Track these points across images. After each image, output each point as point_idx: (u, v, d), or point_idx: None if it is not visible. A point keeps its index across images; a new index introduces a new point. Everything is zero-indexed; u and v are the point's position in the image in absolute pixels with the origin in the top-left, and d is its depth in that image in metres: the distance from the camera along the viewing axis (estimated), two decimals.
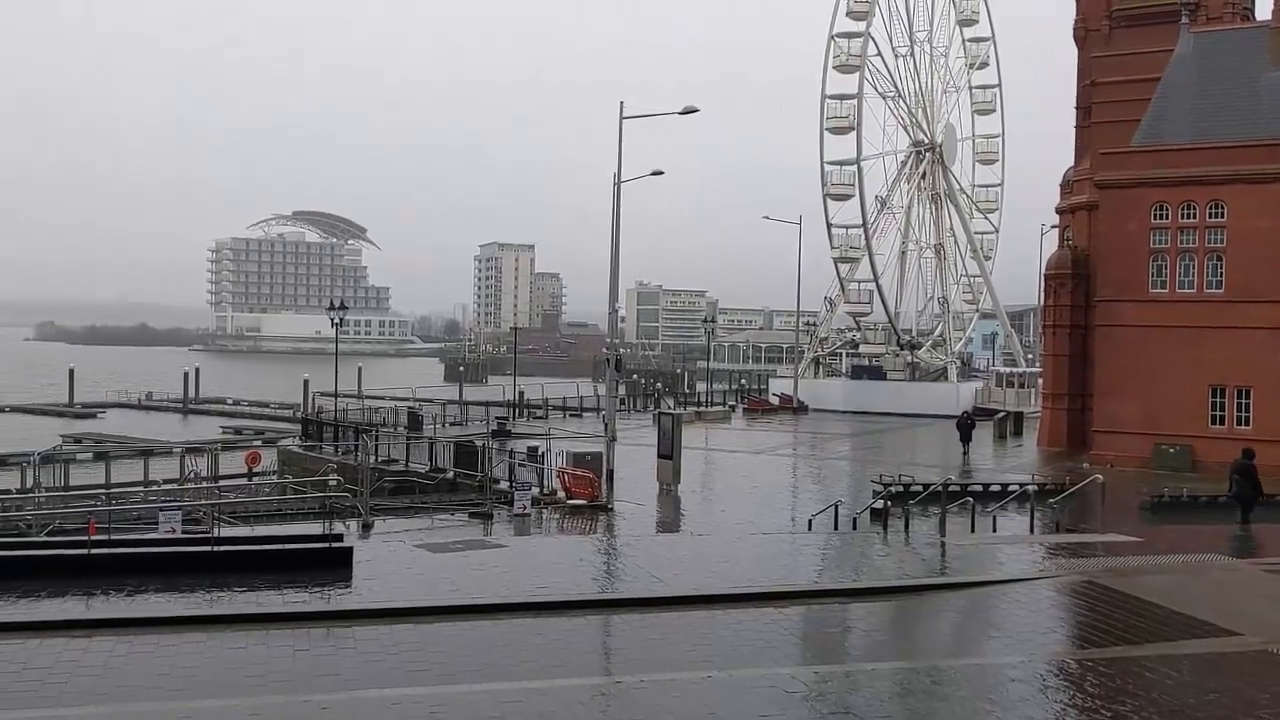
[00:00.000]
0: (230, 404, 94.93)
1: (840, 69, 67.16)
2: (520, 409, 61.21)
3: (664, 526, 26.44)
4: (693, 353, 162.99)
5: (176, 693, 11.34)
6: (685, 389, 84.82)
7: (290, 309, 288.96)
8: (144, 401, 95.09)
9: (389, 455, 39.54)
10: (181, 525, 22.94)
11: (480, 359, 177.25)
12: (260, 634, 13.81)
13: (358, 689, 11.40)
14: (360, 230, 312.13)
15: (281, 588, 16.39)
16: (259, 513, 30.12)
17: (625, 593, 17.11)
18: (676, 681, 11.86)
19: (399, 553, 20.12)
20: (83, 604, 15.46)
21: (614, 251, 30.60)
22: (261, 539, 20.18)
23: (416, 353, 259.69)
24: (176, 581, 16.63)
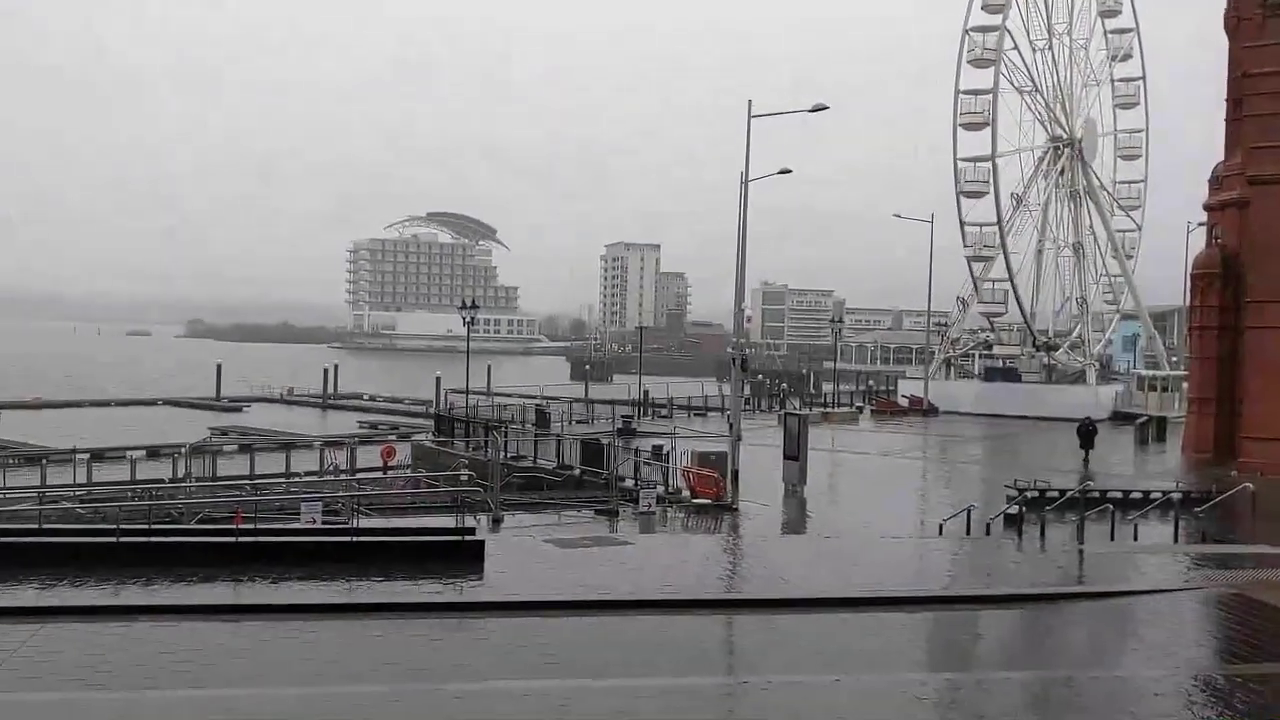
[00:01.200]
0: (366, 400, 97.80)
1: (975, 63, 65.52)
2: (645, 408, 61.51)
3: (790, 528, 26.25)
4: (819, 353, 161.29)
5: (318, 677, 11.80)
6: (811, 389, 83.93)
7: (423, 308, 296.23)
8: (286, 396, 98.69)
9: (517, 451, 40.21)
10: (321, 516, 23.78)
11: (606, 358, 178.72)
12: (397, 623, 14.26)
13: (490, 679, 11.67)
14: (491, 231, 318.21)
15: (417, 579, 16.88)
16: (394, 505, 30.98)
17: (751, 593, 17.09)
18: (804, 684, 11.80)
19: (528, 547, 20.48)
20: (231, 590, 16.18)
21: (740, 251, 30.51)
22: (397, 531, 20.78)
23: (543, 351, 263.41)
24: (318, 570, 17.27)
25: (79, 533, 19.83)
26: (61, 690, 10.97)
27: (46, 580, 16.25)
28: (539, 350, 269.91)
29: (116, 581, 16.27)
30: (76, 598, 15.33)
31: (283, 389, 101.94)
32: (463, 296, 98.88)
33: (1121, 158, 73.99)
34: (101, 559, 17.44)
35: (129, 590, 15.85)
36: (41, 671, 11.94)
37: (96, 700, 10.43)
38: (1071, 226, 70.39)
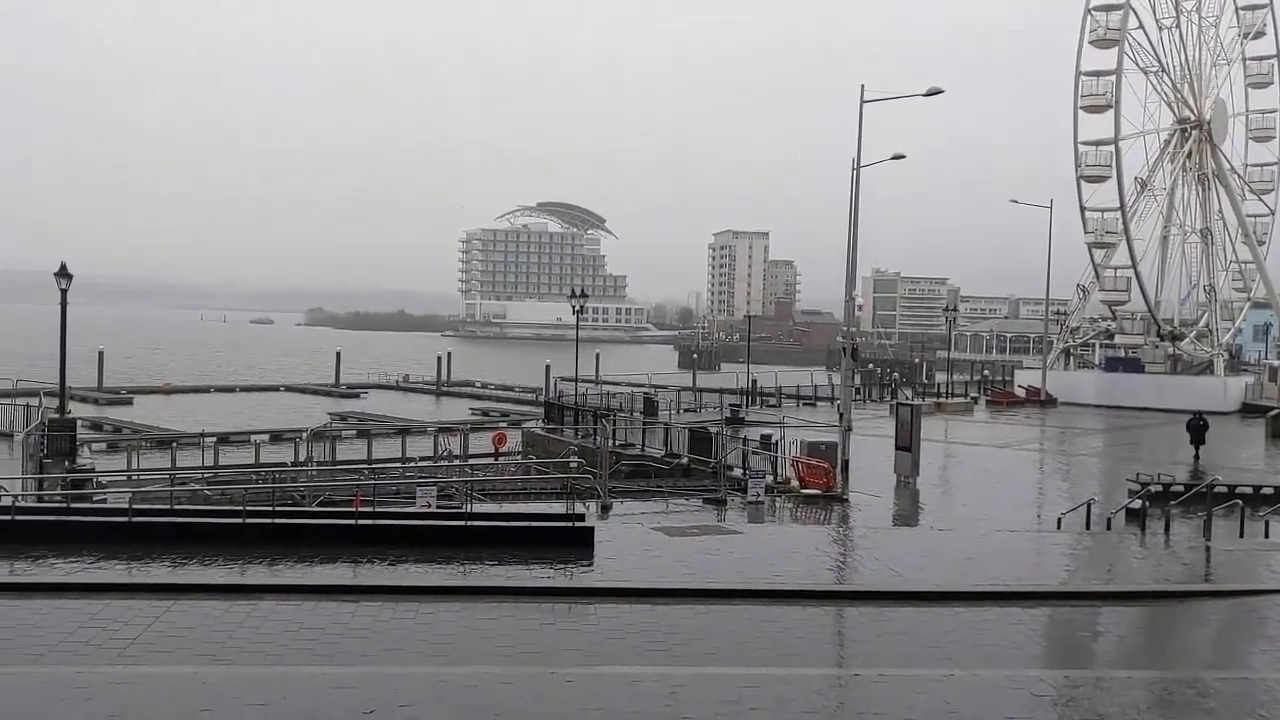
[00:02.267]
0: (478, 387, 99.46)
1: (1097, 44, 63.40)
2: (753, 397, 61.27)
3: (901, 520, 25.90)
4: (932, 342, 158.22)
5: (435, 658, 12.09)
6: (924, 379, 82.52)
7: (533, 296, 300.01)
8: (401, 383, 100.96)
9: (626, 439, 40.49)
10: (436, 500, 24.32)
11: (713, 346, 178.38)
12: (510, 606, 14.52)
13: (600, 664, 11.80)
14: (599, 220, 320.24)
15: (529, 563, 17.15)
16: (505, 491, 31.49)
17: (862, 585, 16.92)
18: (917, 678, 11.65)
19: (637, 534, 20.62)
20: (351, 570, 16.67)
21: (851, 238, 30.13)
22: (510, 516, 21.13)
23: (651, 340, 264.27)
24: (433, 553, 17.68)
25: (207, 513, 20.63)
26: (193, 664, 11.45)
27: (178, 559, 16.97)
28: (647, 339, 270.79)
29: (243, 561, 16.91)
30: (205, 576, 15.98)
31: (398, 376, 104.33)
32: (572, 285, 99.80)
33: (1253, 139, 70.83)
34: (228, 539, 18.15)
35: (255, 569, 16.46)
36: (173, 646, 12.50)
37: (226, 674, 10.87)
38: (1199, 211, 67.67)
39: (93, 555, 17.05)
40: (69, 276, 35.12)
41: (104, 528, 18.60)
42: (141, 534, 18.14)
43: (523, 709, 9.75)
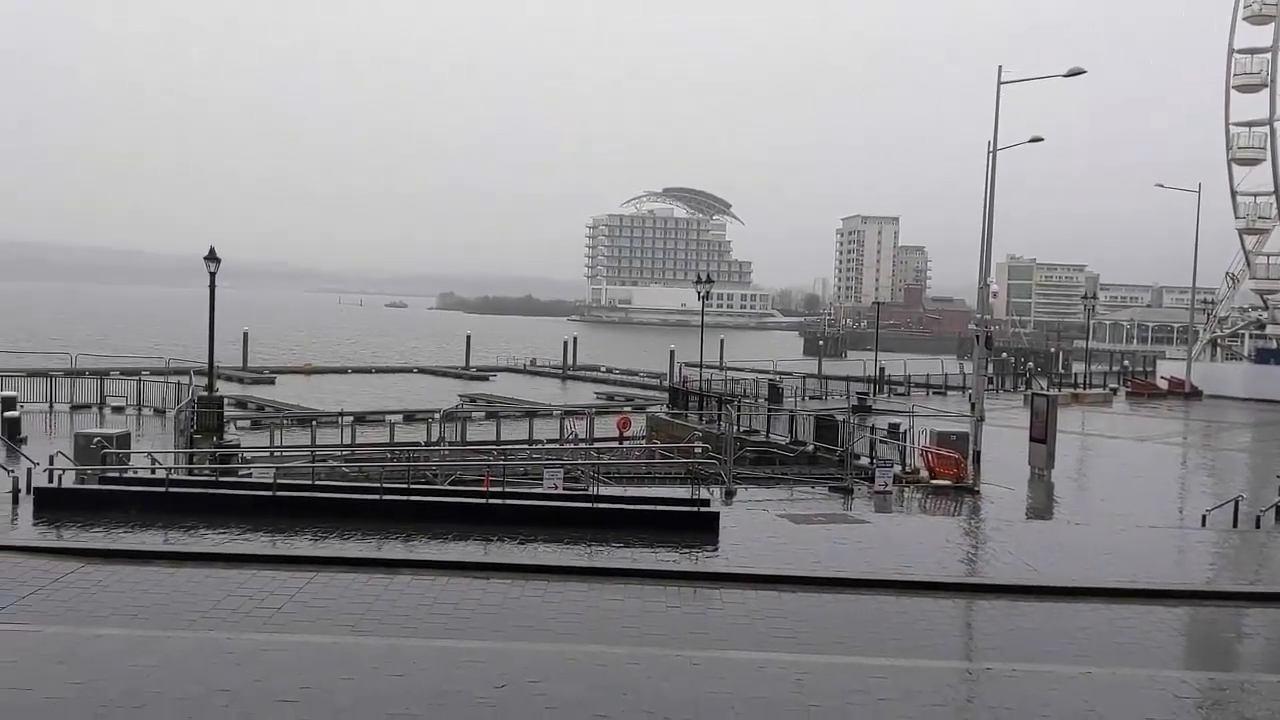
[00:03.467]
0: (603, 371, 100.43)
1: (1252, 20, 60.34)
2: (881, 385, 60.35)
3: (1035, 513, 25.21)
4: (1069, 331, 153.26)
5: (562, 635, 12.31)
6: (1060, 369, 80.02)
7: (658, 282, 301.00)
8: (528, 367, 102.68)
9: (750, 426, 40.35)
10: (562, 482, 24.69)
11: (840, 333, 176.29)
12: (636, 588, 14.67)
13: (725, 649, 11.84)
14: (725, 205, 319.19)
15: (654, 546, 17.28)
16: (629, 475, 31.76)
17: (994, 578, 16.54)
18: (1052, 674, 11.36)
19: (762, 521, 20.56)
20: (481, 548, 17.06)
21: (987, 223, 29.36)
22: (635, 499, 21.30)
23: (776, 326, 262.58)
24: (560, 533, 17.97)
25: (346, 489, 21.36)
26: (334, 634, 11.91)
27: (319, 533, 17.64)
28: (772, 325, 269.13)
29: (380, 536, 17.47)
30: (345, 549, 16.57)
31: (526, 360, 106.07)
32: (697, 271, 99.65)
33: None
34: (366, 515, 18.78)
35: (391, 545, 16.99)
36: (315, 615, 13.01)
37: (364, 645, 11.27)
38: None
39: (240, 527, 17.84)
40: (217, 260, 36.68)
41: (249, 501, 19.43)
42: (284, 508, 18.89)
43: (650, 689, 9.86)
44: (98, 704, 8.93)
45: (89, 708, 8.84)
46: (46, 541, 16.51)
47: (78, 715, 8.67)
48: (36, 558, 15.39)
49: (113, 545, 16.35)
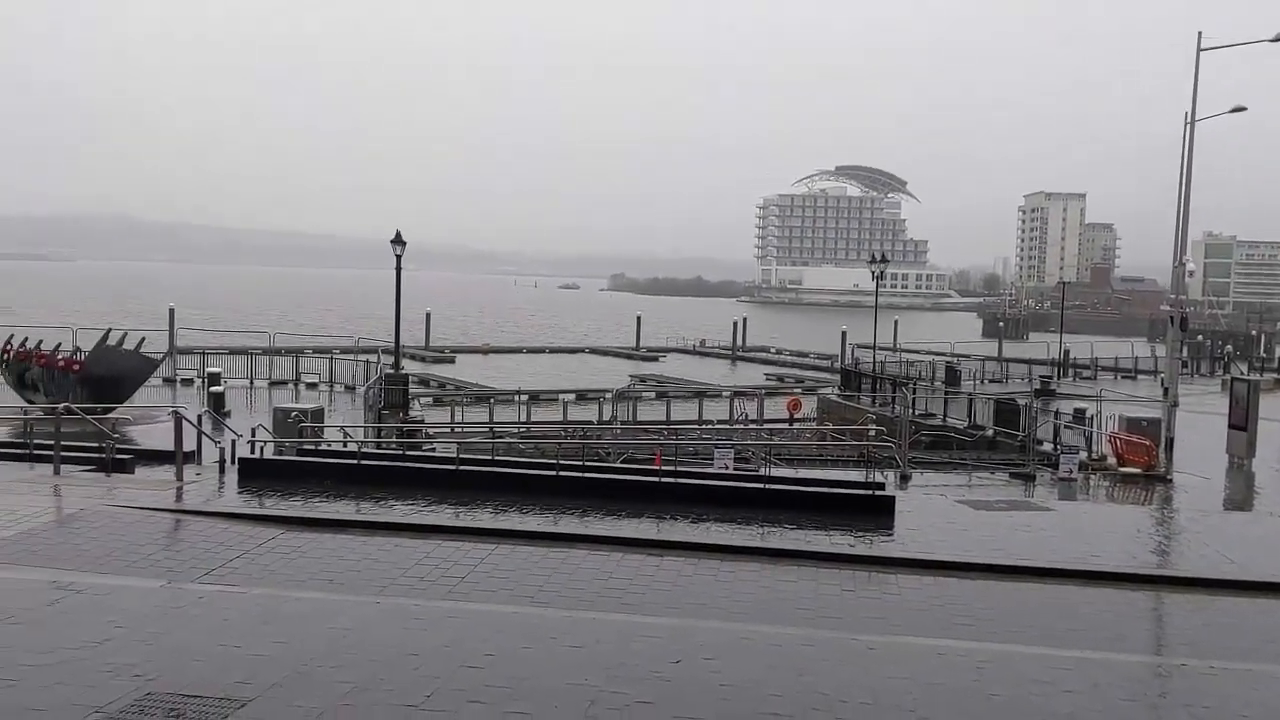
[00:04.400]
0: (773, 353, 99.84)
1: None
2: (1065, 368, 58.02)
3: (1233, 504, 23.85)
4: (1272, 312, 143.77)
5: (736, 615, 12.37)
6: (1262, 352, 75.21)
7: (830, 262, 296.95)
8: (697, 348, 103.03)
9: (926, 409, 39.52)
10: (733, 462, 24.75)
11: (1021, 314, 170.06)
12: (810, 570, 14.59)
13: (902, 634, 11.66)
14: (900, 183, 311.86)
15: (828, 529, 17.15)
16: (800, 456, 31.57)
17: (1188, 570, 15.74)
18: (1253, 673, 10.74)
19: (939, 506, 20.13)
20: (654, 526, 17.29)
21: (1182, 199, 27.79)
22: (807, 481, 21.18)
23: (953, 307, 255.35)
24: (732, 513, 18.03)
25: (523, 465, 21.99)
26: (514, 604, 12.30)
27: (499, 506, 18.22)
28: (949, 306, 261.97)
29: (556, 511, 17.92)
30: (523, 523, 17.06)
31: (695, 341, 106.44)
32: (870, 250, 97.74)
33: None
34: (542, 490, 19.29)
35: (567, 520, 17.41)
36: (496, 586, 13.47)
37: (544, 615, 11.59)
38: None
39: (425, 499, 18.60)
40: (403, 243, 38.15)
41: (433, 474, 20.23)
42: (466, 482, 19.60)
43: (826, 671, 9.81)
44: (299, 662, 9.48)
45: (291, 665, 9.39)
46: (250, 509, 17.59)
47: (281, 671, 9.22)
48: (241, 524, 16.42)
49: (310, 514, 17.29)
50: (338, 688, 8.85)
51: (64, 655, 9.51)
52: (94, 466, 20.81)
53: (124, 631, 10.29)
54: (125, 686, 8.77)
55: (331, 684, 8.94)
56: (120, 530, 15.54)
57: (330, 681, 9.00)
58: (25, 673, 9.03)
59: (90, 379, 33.30)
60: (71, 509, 16.88)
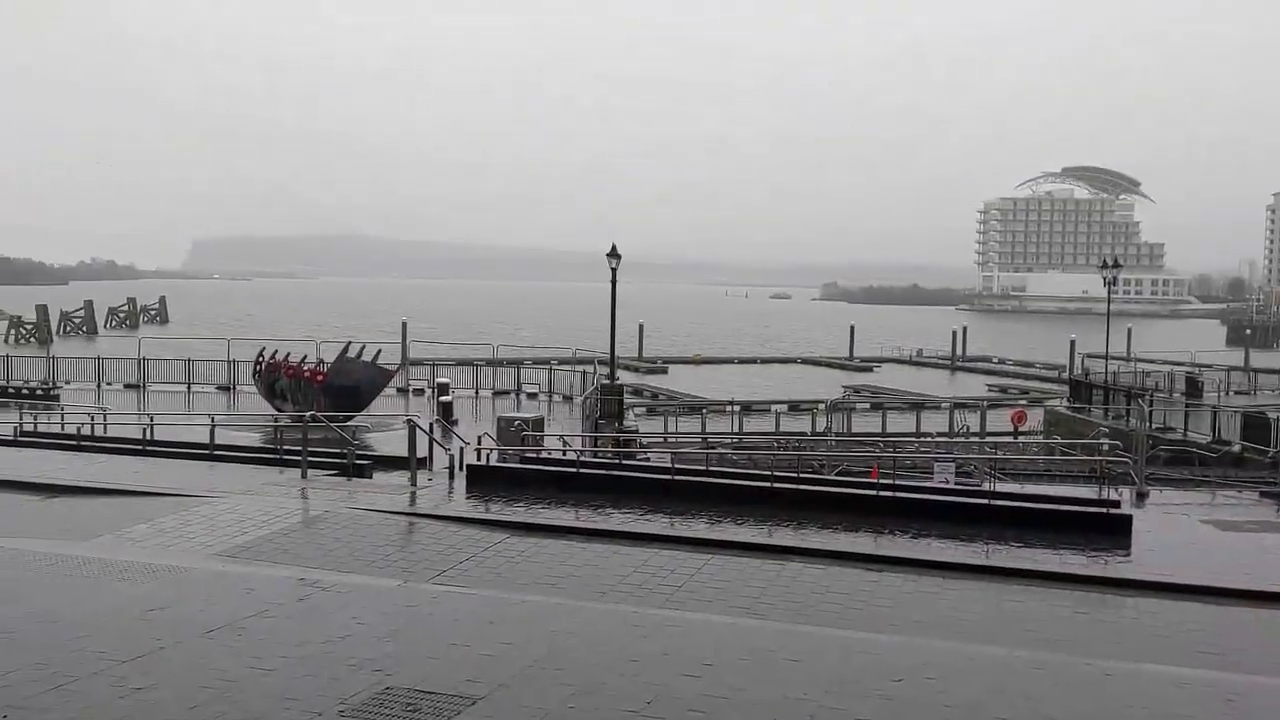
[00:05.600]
0: (995, 363, 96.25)
1: None
2: None
3: None
4: None
5: (959, 634, 11.97)
6: None
7: (1055, 268, 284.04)
8: (914, 358, 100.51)
9: (1164, 422, 37.26)
10: (954, 477, 23.99)
11: (1271, 321, 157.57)
12: (1038, 591, 13.98)
13: (1140, 661, 11.00)
14: (1133, 184, 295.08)
15: (1057, 548, 16.38)
16: (1026, 471, 30.31)
17: None
18: None
19: (1181, 526, 18.91)
20: (872, 540, 16.96)
21: None
22: (1034, 497, 20.28)
23: (1192, 314, 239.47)
24: (954, 530, 17.47)
25: (737, 476, 22.00)
26: (730, 615, 12.31)
27: (713, 516, 18.31)
28: (1187, 312, 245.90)
29: (771, 523, 17.85)
30: (738, 534, 17.08)
31: (911, 350, 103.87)
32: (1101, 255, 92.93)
33: None
34: (757, 501, 19.25)
35: (782, 532, 17.31)
36: (712, 596, 13.53)
37: (760, 627, 11.56)
38: None
39: (641, 508, 18.90)
40: (618, 256, 38.95)
41: (648, 483, 20.53)
42: (681, 492, 19.79)
43: (1056, 698, 9.36)
44: (524, 663, 9.81)
45: (517, 665, 9.73)
46: (476, 513, 18.34)
47: (508, 671, 9.57)
48: (469, 527, 17.14)
49: (532, 519, 17.88)
50: (561, 690, 9.11)
51: (312, 649, 10.18)
52: (336, 471, 22.20)
53: (364, 628, 10.92)
54: (366, 680, 9.30)
55: (555, 686, 9.21)
56: (361, 532, 16.51)
57: (554, 684, 9.27)
58: (279, 663, 9.72)
59: (332, 389, 35.58)
60: (317, 510, 18.06)
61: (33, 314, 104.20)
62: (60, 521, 17.24)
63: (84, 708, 8.51)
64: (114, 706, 8.55)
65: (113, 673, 9.36)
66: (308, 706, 8.64)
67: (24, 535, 15.70)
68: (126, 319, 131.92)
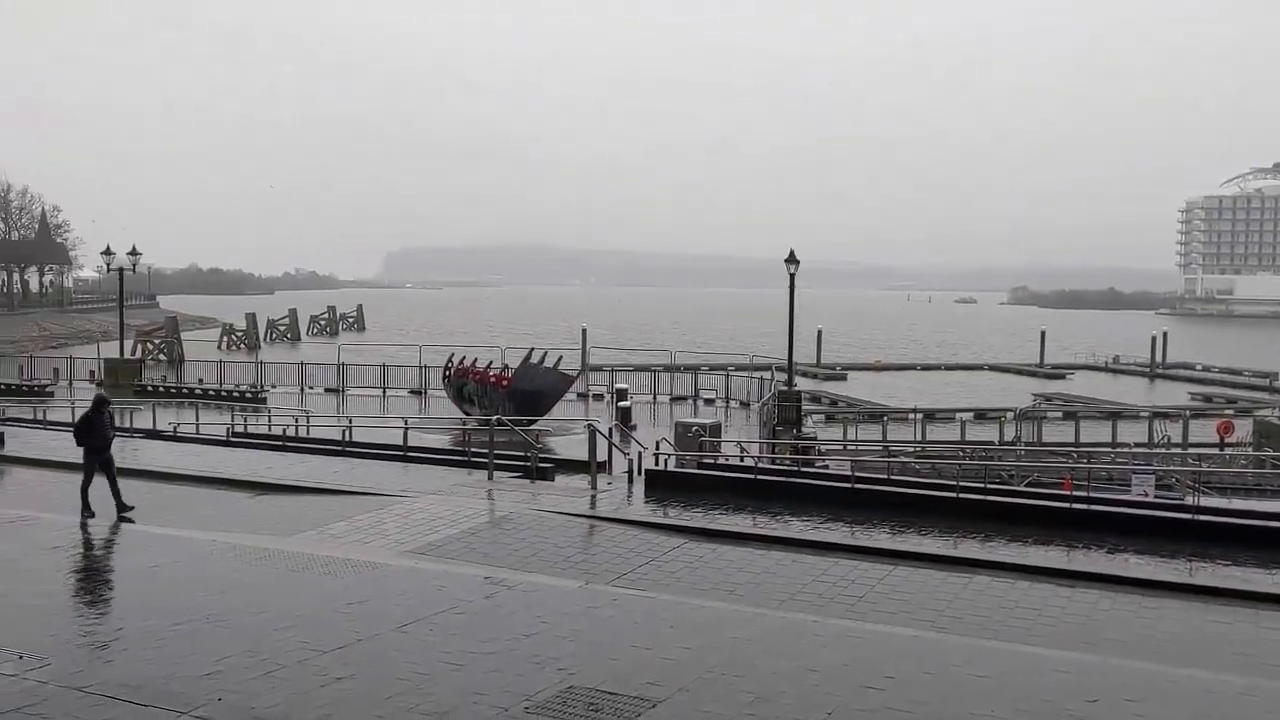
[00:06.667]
0: (1199, 370, 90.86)
1: None
2: None
3: None
4: None
5: (1159, 655, 11.36)
6: None
7: (1268, 269, 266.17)
8: (1110, 364, 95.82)
9: None
10: (1153, 490, 22.80)
11: None
12: (1247, 612, 13.14)
13: None
14: None
15: (1269, 566, 15.36)
16: (1232, 485, 28.56)
17: None
18: None
19: None
20: (1065, 555, 16.29)
21: None
22: (1243, 513, 19.05)
23: None
24: (1153, 546, 16.60)
25: (921, 485, 21.50)
26: (914, 628, 12.05)
27: (895, 526, 17.95)
28: None
29: (956, 535, 17.37)
30: (921, 545, 16.69)
31: (1107, 357, 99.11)
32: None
33: None
34: (941, 512, 18.76)
35: (967, 544, 16.82)
36: (895, 608, 13.27)
37: (944, 641, 11.27)
38: None
39: (820, 516, 18.70)
40: (796, 262, 38.67)
41: (828, 491, 20.30)
42: (861, 500, 19.48)
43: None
44: (704, 668, 9.87)
45: (697, 670, 9.80)
46: (655, 518, 18.53)
47: (688, 675, 9.65)
48: (648, 531, 17.34)
49: (710, 525, 17.94)
50: (740, 697, 9.12)
51: (497, 646, 10.51)
52: (520, 473, 22.83)
53: (548, 627, 11.20)
54: (550, 678, 9.55)
55: (735, 693, 9.22)
56: (543, 533, 16.94)
57: (733, 690, 9.29)
58: (468, 658, 10.08)
59: (516, 394, 36.60)
60: (503, 511, 18.63)
61: (243, 322, 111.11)
62: (268, 517, 18.34)
63: (290, 695, 9.04)
64: (316, 695, 9.05)
65: (316, 662, 9.91)
66: (495, 702, 8.92)
67: (238, 530, 16.78)
68: (327, 326, 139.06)
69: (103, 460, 17.61)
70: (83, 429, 17.65)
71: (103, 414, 17.74)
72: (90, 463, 17.58)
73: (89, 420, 17.59)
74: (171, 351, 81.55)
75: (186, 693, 9.07)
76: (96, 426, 17.55)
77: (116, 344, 59.16)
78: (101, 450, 17.58)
